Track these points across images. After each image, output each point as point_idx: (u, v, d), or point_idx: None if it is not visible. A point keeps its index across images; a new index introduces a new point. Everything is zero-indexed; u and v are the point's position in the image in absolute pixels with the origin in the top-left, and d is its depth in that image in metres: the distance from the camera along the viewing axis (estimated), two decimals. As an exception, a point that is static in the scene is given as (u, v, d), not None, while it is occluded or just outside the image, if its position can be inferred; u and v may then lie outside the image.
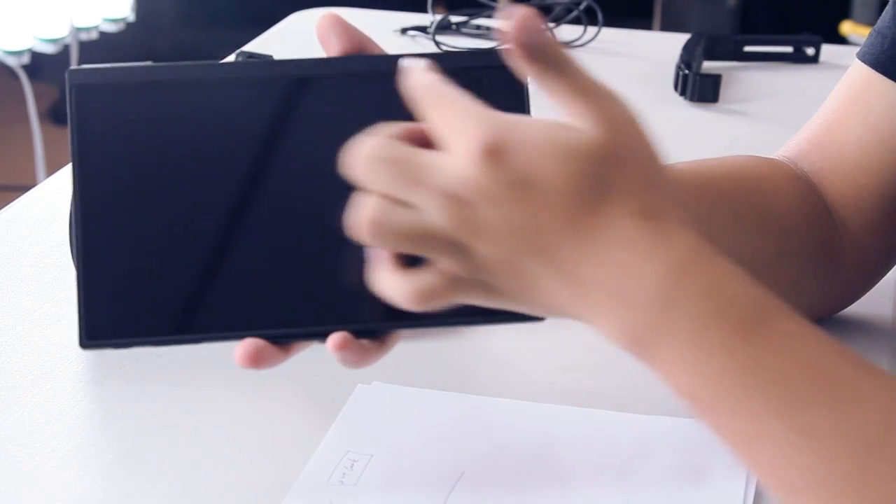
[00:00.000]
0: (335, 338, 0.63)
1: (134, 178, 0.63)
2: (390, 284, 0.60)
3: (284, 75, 0.64)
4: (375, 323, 0.64)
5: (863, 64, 0.87)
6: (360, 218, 0.58)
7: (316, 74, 0.64)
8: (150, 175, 0.63)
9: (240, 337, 0.63)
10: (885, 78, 0.85)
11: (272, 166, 0.63)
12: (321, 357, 0.84)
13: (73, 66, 0.64)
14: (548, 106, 0.60)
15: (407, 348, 0.85)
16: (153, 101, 0.63)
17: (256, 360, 0.63)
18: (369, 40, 0.67)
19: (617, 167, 0.57)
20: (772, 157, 0.89)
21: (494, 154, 0.56)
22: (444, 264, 0.58)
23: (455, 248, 0.58)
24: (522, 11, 0.57)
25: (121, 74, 0.64)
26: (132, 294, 0.62)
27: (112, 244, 0.62)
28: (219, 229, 0.63)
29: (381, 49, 0.67)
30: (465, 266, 0.58)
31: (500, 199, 0.56)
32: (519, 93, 0.64)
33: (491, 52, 0.64)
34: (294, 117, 0.64)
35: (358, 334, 0.63)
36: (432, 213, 0.57)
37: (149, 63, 0.64)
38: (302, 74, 0.64)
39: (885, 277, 0.90)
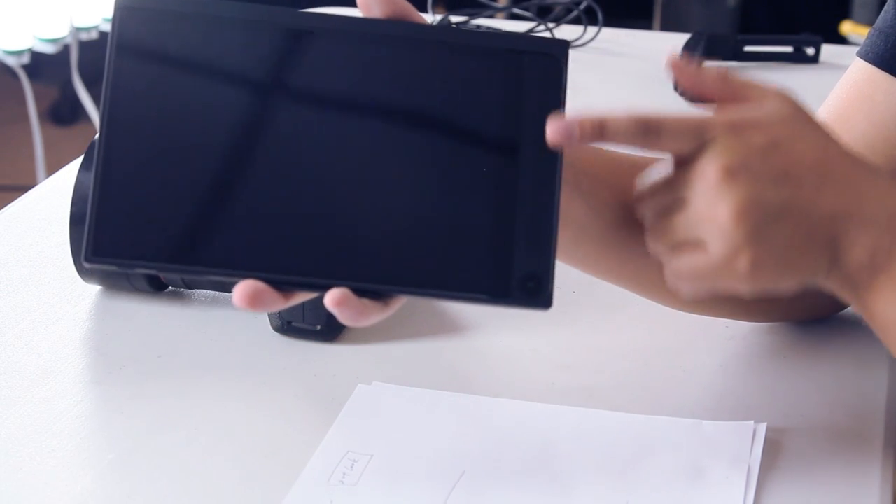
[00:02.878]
0: (334, 294, 0.63)
1: (162, 106, 0.63)
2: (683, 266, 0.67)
3: (337, 29, 0.64)
4: (379, 284, 0.64)
5: (865, 62, 0.87)
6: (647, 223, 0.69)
7: (365, 33, 0.65)
8: (179, 105, 0.63)
9: (241, 276, 0.63)
10: (889, 76, 0.85)
11: (300, 115, 0.64)
12: (321, 357, 0.85)
13: None
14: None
15: (407, 348, 0.86)
16: (196, 32, 0.64)
17: (254, 302, 0.63)
18: (412, 9, 0.67)
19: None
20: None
21: (740, 127, 0.66)
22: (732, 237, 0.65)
23: (735, 210, 0.65)
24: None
25: (170, 1, 0.64)
26: (142, 218, 0.63)
27: (130, 167, 0.63)
28: (236, 168, 0.63)
29: (422, 18, 0.67)
30: (743, 225, 0.65)
31: (758, 160, 0.65)
32: (557, 78, 0.65)
33: (532, 37, 0.66)
34: (333, 71, 0.64)
35: (359, 293, 0.63)
36: (698, 198, 0.65)
37: None
38: (352, 31, 0.65)
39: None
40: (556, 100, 0.65)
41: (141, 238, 0.63)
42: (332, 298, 0.63)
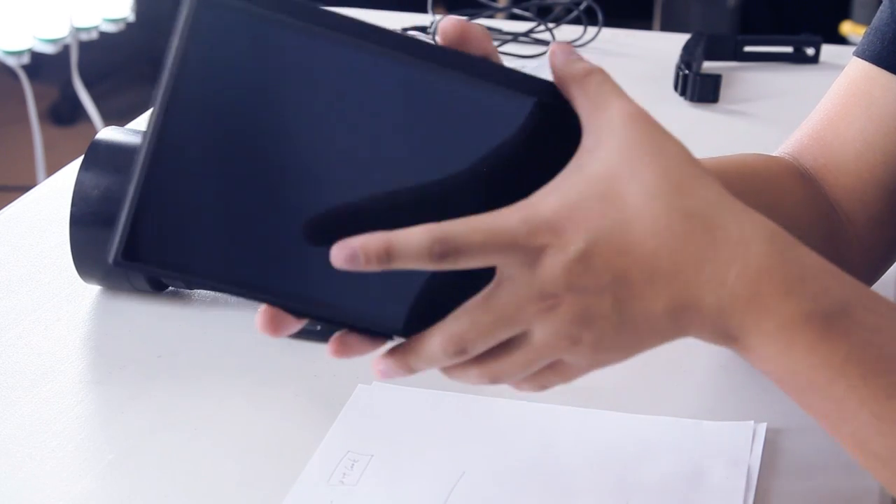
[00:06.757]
0: (334, 343, 0.61)
1: (223, 113, 0.60)
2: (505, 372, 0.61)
3: (420, 57, 0.61)
4: (394, 332, 0.61)
5: (862, 61, 0.87)
6: (476, 381, 0.61)
7: (449, 67, 0.61)
8: (240, 115, 0.60)
9: (263, 300, 0.60)
10: (887, 73, 0.85)
11: (361, 147, 0.61)
12: (321, 357, 0.85)
13: None
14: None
15: (407, 348, 0.86)
16: (274, 40, 0.60)
17: (277, 329, 0.60)
18: (494, 49, 0.64)
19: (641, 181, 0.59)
20: (773, 154, 0.89)
21: (554, 239, 0.58)
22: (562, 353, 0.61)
23: (567, 338, 0.60)
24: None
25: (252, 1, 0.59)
26: (178, 226, 0.60)
27: (176, 170, 0.59)
28: (281, 192, 0.60)
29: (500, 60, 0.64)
30: (583, 346, 0.60)
31: (579, 273, 0.58)
32: (575, 135, 0.61)
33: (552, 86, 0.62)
34: (405, 105, 0.61)
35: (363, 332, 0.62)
36: (535, 331, 0.59)
37: None
38: (435, 63, 0.61)
39: (884, 275, 0.90)
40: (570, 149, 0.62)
41: (173, 247, 0.60)
42: (334, 349, 0.62)
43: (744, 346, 0.61)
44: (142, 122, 1.24)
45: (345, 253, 0.57)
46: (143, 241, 0.59)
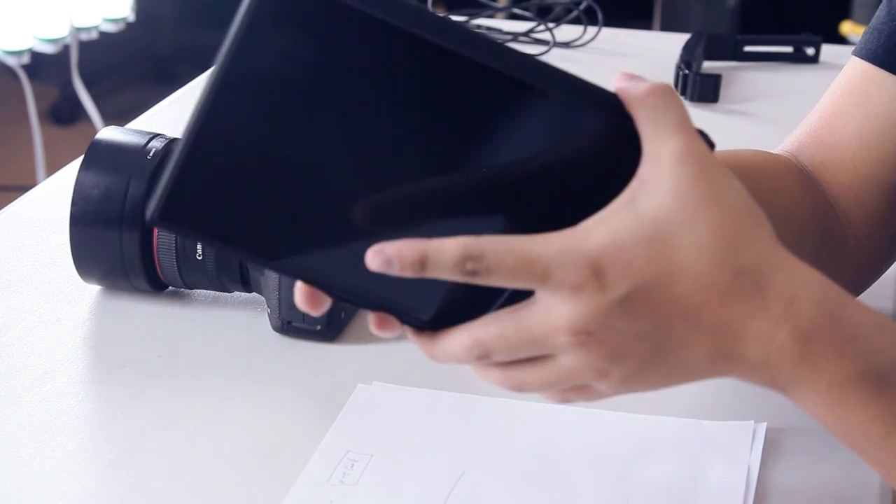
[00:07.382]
0: (375, 318, 0.61)
1: (277, 89, 0.59)
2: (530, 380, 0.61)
3: (483, 57, 0.59)
4: (427, 320, 0.61)
5: (860, 60, 0.87)
6: (499, 385, 0.61)
7: (514, 70, 0.60)
8: (293, 94, 0.59)
9: (296, 277, 0.60)
10: (883, 71, 0.85)
11: (412, 139, 0.60)
12: (321, 357, 0.85)
13: None
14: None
15: (407, 348, 0.85)
16: (336, 22, 0.59)
17: (316, 304, 0.60)
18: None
19: (702, 235, 0.58)
20: (772, 152, 0.89)
21: (594, 279, 0.57)
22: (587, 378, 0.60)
23: (596, 370, 0.59)
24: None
25: None
26: (220, 194, 0.59)
27: (224, 139, 0.59)
28: (326, 175, 0.60)
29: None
30: (610, 379, 0.60)
31: (617, 317, 0.57)
32: (634, 155, 0.60)
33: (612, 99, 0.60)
34: (462, 103, 0.60)
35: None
36: (563, 357, 0.59)
37: None
38: (499, 64, 0.60)
39: (884, 275, 0.90)
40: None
41: (211, 213, 0.59)
42: (377, 323, 0.61)
43: (792, 396, 0.61)
44: (142, 123, 1.24)
45: (380, 258, 0.57)
46: (183, 204, 0.59)
